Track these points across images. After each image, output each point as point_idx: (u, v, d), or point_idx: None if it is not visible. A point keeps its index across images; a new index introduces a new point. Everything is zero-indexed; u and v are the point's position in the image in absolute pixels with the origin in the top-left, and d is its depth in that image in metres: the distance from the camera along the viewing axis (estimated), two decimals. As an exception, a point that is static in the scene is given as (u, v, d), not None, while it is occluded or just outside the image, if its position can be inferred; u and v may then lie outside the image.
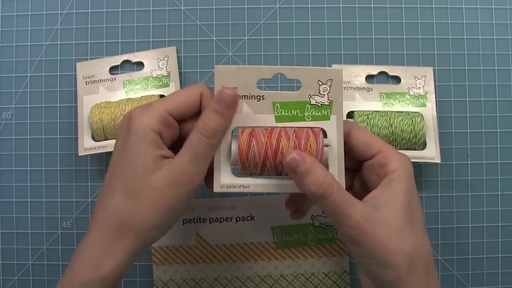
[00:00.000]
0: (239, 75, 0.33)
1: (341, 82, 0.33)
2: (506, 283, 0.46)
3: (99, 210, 0.32)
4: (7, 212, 0.47)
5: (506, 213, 0.46)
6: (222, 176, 0.34)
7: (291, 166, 0.31)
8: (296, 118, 0.34)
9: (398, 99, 0.45)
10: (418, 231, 0.32)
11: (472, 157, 0.46)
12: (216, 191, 0.34)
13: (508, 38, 0.47)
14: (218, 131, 0.32)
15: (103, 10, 0.47)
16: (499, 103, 0.47)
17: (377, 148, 0.33)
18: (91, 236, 0.32)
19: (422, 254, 0.31)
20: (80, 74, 0.46)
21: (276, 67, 0.34)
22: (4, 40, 0.47)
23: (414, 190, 0.33)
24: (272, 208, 0.45)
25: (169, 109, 0.32)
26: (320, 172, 0.30)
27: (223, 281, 0.45)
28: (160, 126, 0.32)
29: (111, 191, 0.32)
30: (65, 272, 0.33)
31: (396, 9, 0.47)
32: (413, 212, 0.32)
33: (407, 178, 0.32)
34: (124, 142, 0.32)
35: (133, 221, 0.31)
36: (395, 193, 0.31)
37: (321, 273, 0.45)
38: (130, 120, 0.32)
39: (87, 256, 0.31)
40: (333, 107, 0.34)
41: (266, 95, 0.33)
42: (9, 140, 0.47)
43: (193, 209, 0.45)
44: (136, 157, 0.31)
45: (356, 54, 0.47)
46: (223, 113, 0.32)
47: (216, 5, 0.47)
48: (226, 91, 0.32)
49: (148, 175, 0.31)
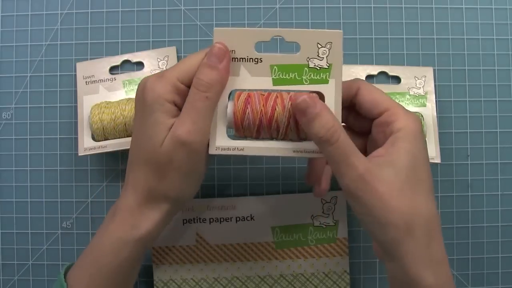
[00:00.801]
0: (238, 38, 0.33)
1: (340, 45, 0.33)
2: (506, 283, 0.46)
3: (129, 178, 0.34)
4: (7, 212, 0.47)
5: (506, 213, 0.46)
6: (217, 138, 0.34)
7: (301, 108, 0.31)
8: (294, 81, 0.33)
9: (398, 99, 0.45)
10: (421, 193, 0.31)
11: (472, 157, 0.46)
12: (212, 153, 0.34)
13: (508, 38, 0.47)
14: (212, 85, 0.32)
15: (103, 10, 0.47)
16: (499, 103, 0.47)
17: (384, 106, 0.33)
18: (125, 200, 0.34)
19: (423, 216, 0.30)
20: (80, 74, 0.46)
21: (275, 30, 0.33)
22: (4, 40, 0.47)
23: (421, 150, 0.32)
24: (272, 208, 0.45)
25: (180, 77, 0.33)
26: (329, 117, 0.30)
27: (223, 281, 0.45)
28: (174, 96, 0.33)
29: (135, 162, 0.34)
30: (96, 235, 0.35)
31: (396, 9, 0.47)
32: (418, 173, 0.31)
33: (413, 137, 0.31)
34: (141, 115, 0.33)
35: (160, 188, 0.33)
36: (399, 152, 0.31)
37: (321, 273, 0.45)
38: (144, 91, 0.33)
39: (123, 217, 0.34)
40: (332, 71, 0.33)
41: (264, 57, 0.33)
42: (9, 140, 0.47)
43: (193, 209, 0.45)
44: (152, 128, 0.33)
45: (356, 54, 0.47)
46: (215, 66, 0.32)
47: (216, 5, 0.47)
48: (216, 44, 0.33)
49: (161, 143, 0.32)
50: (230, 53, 0.33)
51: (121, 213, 0.34)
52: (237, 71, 0.33)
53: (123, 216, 0.34)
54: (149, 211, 0.34)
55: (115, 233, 0.34)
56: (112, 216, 0.34)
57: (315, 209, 0.45)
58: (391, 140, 0.32)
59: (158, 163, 0.33)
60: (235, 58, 0.33)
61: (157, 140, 0.32)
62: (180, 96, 0.33)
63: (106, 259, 0.34)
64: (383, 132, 0.33)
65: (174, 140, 0.32)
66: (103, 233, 0.35)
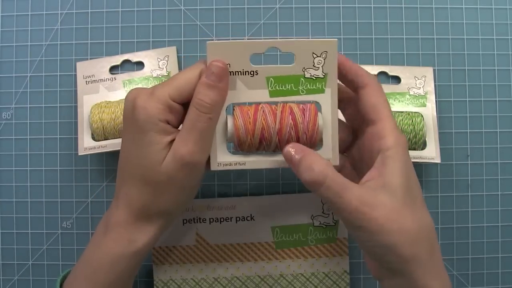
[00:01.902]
0: (232, 51, 0.32)
1: (335, 54, 0.33)
2: (506, 283, 0.46)
3: (121, 193, 0.34)
4: (7, 212, 0.47)
5: (506, 213, 0.46)
6: (218, 154, 0.33)
7: (287, 158, 0.32)
8: (290, 92, 0.33)
9: (398, 99, 0.45)
10: (418, 208, 0.31)
11: (472, 157, 0.46)
12: (213, 169, 0.34)
13: (508, 38, 0.47)
14: (214, 105, 0.32)
15: (103, 10, 0.47)
16: (499, 103, 0.47)
17: (379, 115, 0.33)
18: (119, 216, 0.34)
19: (424, 229, 0.31)
20: (80, 73, 0.46)
21: (270, 41, 0.33)
22: (4, 40, 0.47)
23: (410, 165, 0.32)
24: (272, 208, 0.45)
25: (172, 95, 0.32)
26: (313, 161, 0.30)
27: (223, 281, 0.45)
28: (166, 115, 0.32)
29: (128, 179, 0.34)
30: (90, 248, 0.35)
31: (396, 9, 0.47)
32: (412, 189, 0.31)
33: (402, 155, 0.32)
34: (132, 133, 0.33)
35: (155, 205, 0.33)
36: (393, 173, 0.31)
37: (321, 273, 0.45)
38: (136, 110, 0.32)
39: (118, 233, 0.34)
40: (327, 80, 0.33)
41: (260, 69, 0.33)
42: (9, 140, 0.47)
43: (193, 209, 0.45)
44: (147, 147, 0.32)
45: (356, 54, 0.47)
46: (216, 86, 0.32)
47: (216, 5, 0.47)
48: (215, 63, 0.32)
49: (159, 162, 0.32)
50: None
51: (116, 229, 0.34)
52: (233, 85, 0.33)
53: (118, 231, 0.34)
54: (145, 226, 0.34)
55: (111, 249, 0.33)
56: (105, 231, 0.34)
57: (315, 209, 0.45)
58: (381, 159, 0.32)
59: (156, 182, 0.32)
60: (231, 71, 0.33)
61: (156, 160, 0.32)
62: (173, 114, 0.32)
63: (103, 273, 0.34)
64: (371, 146, 0.33)
65: (177, 160, 0.32)
66: (97, 247, 0.34)
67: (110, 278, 0.34)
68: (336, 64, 0.33)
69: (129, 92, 0.33)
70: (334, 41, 0.33)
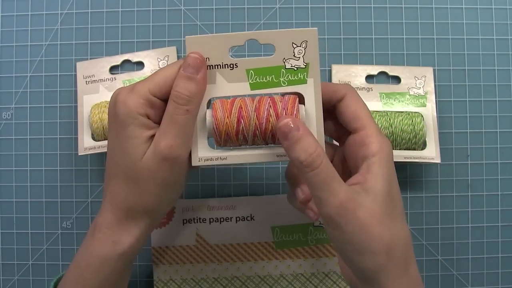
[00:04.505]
0: (211, 45, 0.32)
1: (316, 42, 0.32)
2: (506, 283, 0.46)
3: (107, 194, 0.34)
4: (7, 212, 0.47)
5: (506, 213, 0.46)
6: (199, 149, 0.33)
7: (283, 131, 0.30)
8: (271, 84, 0.33)
9: (398, 99, 0.45)
10: (397, 218, 0.31)
11: (472, 157, 0.46)
12: (195, 164, 0.33)
13: (508, 38, 0.47)
14: (192, 97, 0.32)
15: (103, 10, 0.47)
16: (499, 103, 0.47)
17: (361, 123, 0.32)
18: (105, 217, 0.33)
19: (401, 241, 0.30)
20: (80, 73, 0.46)
21: (248, 33, 0.33)
22: (4, 40, 0.47)
23: (394, 175, 0.32)
24: (272, 208, 0.45)
25: (152, 90, 0.32)
26: (312, 141, 0.30)
27: (223, 281, 0.45)
28: (146, 109, 0.32)
29: (113, 177, 0.33)
30: (80, 250, 0.35)
31: (396, 9, 0.47)
32: (393, 198, 0.31)
33: (387, 162, 0.31)
34: (115, 129, 0.33)
35: (139, 203, 0.33)
36: (376, 178, 0.30)
37: (321, 273, 0.45)
38: (116, 105, 0.32)
39: (103, 234, 0.33)
40: (309, 70, 0.32)
41: (239, 62, 0.33)
42: (9, 140, 0.47)
43: (193, 209, 0.45)
44: (127, 142, 0.32)
45: (356, 54, 0.47)
46: (193, 77, 0.32)
47: (216, 5, 0.47)
48: (191, 54, 0.32)
49: (140, 157, 0.32)
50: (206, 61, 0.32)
51: (101, 230, 0.33)
52: (213, 78, 0.33)
53: (103, 232, 0.33)
54: (130, 226, 0.33)
55: (97, 250, 0.33)
56: (92, 233, 0.34)
57: (315, 209, 0.45)
58: (366, 165, 0.31)
59: (138, 178, 0.32)
60: (210, 65, 0.32)
61: (136, 154, 0.32)
62: (153, 109, 0.32)
63: (91, 275, 0.33)
64: (356, 152, 0.32)
65: (157, 154, 0.31)
66: (85, 249, 0.34)
67: (98, 280, 0.33)
68: (317, 53, 0.32)
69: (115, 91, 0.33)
70: (314, 30, 0.32)
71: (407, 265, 0.31)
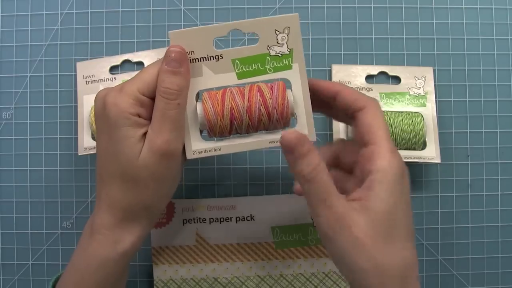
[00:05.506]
0: (194, 37, 0.32)
1: (298, 28, 0.33)
2: (506, 283, 0.46)
3: (103, 196, 0.34)
4: (7, 212, 0.47)
5: (506, 213, 0.46)
6: (192, 142, 0.33)
7: (290, 146, 0.30)
8: (257, 72, 0.33)
9: (398, 99, 0.45)
10: (397, 241, 0.30)
11: (472, 157, 0.46)
12: (189, 157, 0.33)
13: (508, 38, 0.47)
14: (180, 90, 0.32)
15: (103, 10, 0.47)
16: (499, 103, 0.47)
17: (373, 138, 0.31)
18: (103, 218, 0.33)
19: (396, 265, 0.29)
20: (80, 73, 0.46)
21: (231, 23, 0.33)
22: (4, 40, 0.47)
23: (400, 195, 0.30)
24: (272, 208, 0.45)
25: (140, 89, 0.32)
26: (315, 156, 0.30)
27: (223, 281, 0.45)
28: (137, 109, 0.32)
29: (108, 179, 0.33)
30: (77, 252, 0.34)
31: (396, 9, 0.47)
32: (394, 219, 0.30)
33: (394, 181, 0.30)
34: (107, 131, 0.33)
35: (138, 201, 0.33)
36: (375, 198, 0.30)
37: (321, 273, 0.45)
38: (107, 107, 0.32)
39: (103, 235, 0.33)
40: (294, 55, 0.33)
41: (224, 53, 0.33)
42: (9, 140, 0.47)
43: (193, 209, 0.45)
44: (122, 143, 0.32)
45: (356, 54, 0.47)
46: (178, 71, 0.32)
47: (216, 5, 0.47)
48: (171, 48, 0.32)
49: (137, 156, 0.32)
50: (188, 54, 0.32)
51: (100, 231, 0.33)
52: (199, 71, 0.33)
53: (103, 233, 0.33)
54: (130, 225, 0.34)
55: (98, 252, 0.33)
56: (90, 234, 0.34)
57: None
58: (368, 182, 0.30)
59: (136, 177, 0.32)
60: (196, 58, 0.33)
61: (132, 154, 0.32)
62: (143, 108, 0.32)
63: (91, 277, 0.33)
64: (363, 166, 0.32)
65: (155, 151, 0.32)
66: (83, 251, 0.34)
67: (98, 281, 0.33)
68: (300, 39, 0.33)
69: (98, 92, 0.33)
70: (295, 15, 0.33)
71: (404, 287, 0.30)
